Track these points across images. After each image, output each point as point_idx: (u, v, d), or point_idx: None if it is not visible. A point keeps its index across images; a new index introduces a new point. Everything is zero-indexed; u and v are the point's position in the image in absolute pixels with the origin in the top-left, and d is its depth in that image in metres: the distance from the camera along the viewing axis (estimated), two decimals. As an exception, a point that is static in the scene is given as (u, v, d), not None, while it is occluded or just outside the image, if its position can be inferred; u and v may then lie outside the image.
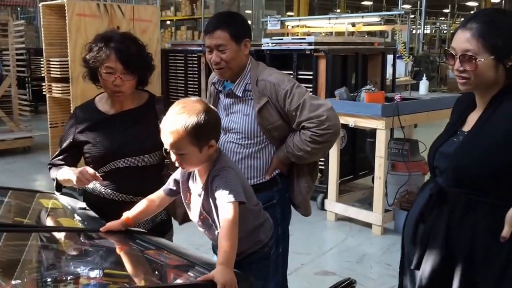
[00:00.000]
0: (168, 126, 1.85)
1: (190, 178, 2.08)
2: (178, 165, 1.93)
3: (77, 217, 2.32)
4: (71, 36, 5.85)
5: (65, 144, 2.56)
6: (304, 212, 2.79)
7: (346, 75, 5.90)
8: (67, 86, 6.00)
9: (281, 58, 5.83)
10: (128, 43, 2.44)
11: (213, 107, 2.02)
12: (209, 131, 1.87)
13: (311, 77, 5.61)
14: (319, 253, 4.64)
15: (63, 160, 2.54)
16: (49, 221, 2.25)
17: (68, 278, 1.49)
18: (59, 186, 2.53)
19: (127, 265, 1.86)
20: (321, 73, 5.57)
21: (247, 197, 1.99)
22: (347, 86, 5.44)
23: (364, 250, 4.67)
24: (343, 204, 5.39)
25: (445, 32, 24.89)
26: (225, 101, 2.67)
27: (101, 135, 2.49)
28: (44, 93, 6.55)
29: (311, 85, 5.54)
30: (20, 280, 1.43)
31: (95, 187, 2.50)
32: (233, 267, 1.71)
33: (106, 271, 1.65)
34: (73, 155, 2.57)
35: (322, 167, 5.59)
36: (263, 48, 6.04)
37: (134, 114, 2.54)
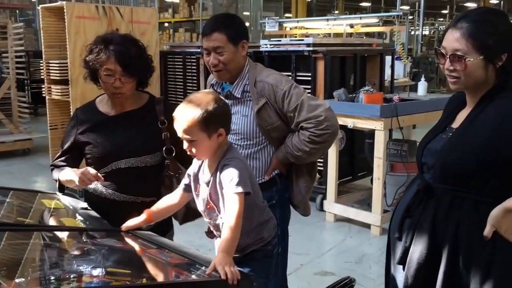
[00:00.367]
0: (180, 114, 1.96)
1: (200, 170, 2.14)
2: (189, 153, 2.01)
3: (79, 217, 2.34)
4: (70, 38, 5.87)
5: (67, 146, 2.58)
6: (304, 212, 2.80)
7: (345, 76, 5.91)
8: (67, 88, 6.02)
9: (280, 60, 5.84)
10: (128, 45, 2.45)
11: (224, 99, 2.12)
12: (218, 120, 1.97)
13: (310, 79, 5.62)
14: (318, 254, 4.66)
15: (65, 162, 2.56)
16: (51, 221, 2.27)
17: (71, 277, 1.51)
18: (62, 187, 2.55)
19: (129, 264, 1.87)
20: (320, 75, 5.58)
21: (255, 192, 2.06)
22: (346, 87, 5.46)
23: (363, 251, 4.68)
24: (342, 205, 5.40)
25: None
26: None
27: (102, 136, 2.51)
28: (44, 95, 6.56)
29: (310, 86, 5.55)
30: (24, 278, 1.44)
31: (97, 188, 2.51)
32: (236, 263, 1.78)
33: (109, 270, 1.66)
34: (75, 156, 2.59)
35: (321, 168, 5.60)
36: (262, 50, 6.06)
37: (135, 115, 2.56)
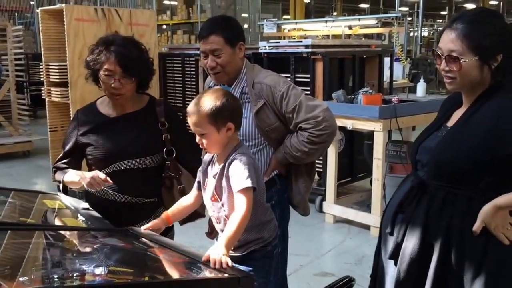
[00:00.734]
0: (192, 108, 2.06)
1: (210, 165, 2.21)
2: (201, 146, 2.09)
3: (81, 217, 2.35)
4: (70, 41, 5.88)
5: (68, 147, 2.60)
6: (303, 212, 2.82)
7: (344, 78, 5.93)
8: (66, 90, 6.02)
9: (279, 61, 5.85)
10: (129, 47, 2.47)
11: (235, 96, 2.23)
12: (226, 114, 2.04)
13: (309, 80, 5.64)
14: (318, 255, 4.67)
15: (67, 164, 2.59)
16: (54, 221, 2.28)
17: (74, 275, 1.52)
18: (65, 188, 2.57)
19: (131, 263, 1.89)
20: (318, 76, 5.60)
21: (260, 190, 2.13)
22: (345, 89, 5.46)
23: (363, 252, 4.69)
24: (342, 206, 5.41)
25: (442, 35, 24.88)
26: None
27: (103, 138, 2.53)
28: (43, 98, 6.57)
29: (309, 88, 5.57)
30: (27, 277, 1.46)
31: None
32: (236, 263, 1.85)
33: (111, 268, 1.67)
34: (76, 158, 2.61)
35: (321, 170, 5.62)
36: (261, 52, 6.07)
37: (135, 117, 2.57)
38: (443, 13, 27.58)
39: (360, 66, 6.13)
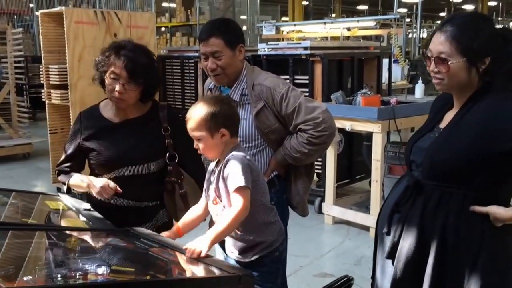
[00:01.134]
0: (188, 113, 2.15)
1: (212, 173, 2.24)
2: (198, 151, 2.16)
3: (82, 218, 2.37)
4: (69, 43, 5.88)
5: (71, 150, 2.60)
6: (302, 213, 2.83)
7: (342, 79, 5.95)
8: (66, 93, 6.03)
9: (278, 63, 5.87)
10: (139, 54, 2.46)
11: (232, 103, 2.29)
12: (220, 120, 2.11)
13: (307, 82, 5.65)
14: (318, 256, 4.69)
15: (70, 167, 2.60)
16: (56, 221, 2.30)
17: (77, 275, 1.54)
18: (69, 189, 2.58)
19: (133, 262, 1.91)
20: (317, 78, 5.61)
21: (263, 191, 2.18)
22: (343, 90, 5.48)
23: (362, 252, 4.70)
24: (341, 208, 5.42)
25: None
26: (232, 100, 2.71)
27: (107, 144, 2.52)
28: (43, 100, 6.58)
29: (308, 90, 5.58)
30: (31, 276, 1.48)
31: None
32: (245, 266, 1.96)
33: (113, 268, 1.69)
34: (79, 160, 2.62)
35: (320, 171, 5.63)
36: (260, 53, 6.09)
37: (138, 123, 2.57)
38: (442, 15, 27.58)
39: (359, 68, 6.15)
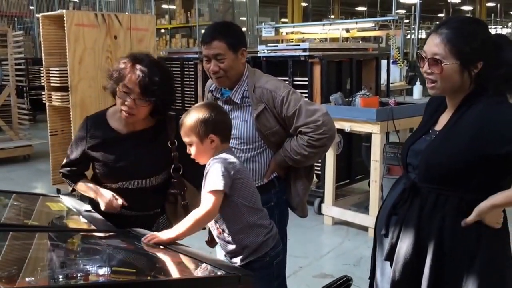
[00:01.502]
0: (181, 120, 2.22)
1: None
2: (191, 156, 2.22)
3: (83, 219, 2.38)
4: (70, 46, 5.89)
5: (75, 155, 2.57)
6: (301, 214, 2.85)
7: (341, 81, 5.95)
8: (67, 95, 6.04)
9: (277, 65, 5.88)
10: (154, 71, 2.40)
11: (224, 110, 2.37)
12: (209, 127, 2.17)
13: (306, 83, 5.66)
14: (317, 256, 4.69)
15: (75, 171, 2.60)
16: (56, 223, 2.32)
17: (78, 276, 1.55)
18: (73, 189, 2.60)
19: (134, 263, 1.92)
20: (316, 79, 5.63)
21: (247, 193, 2.20)
22: (342, 92, 5.49)
23: (361, 253, 4.71)
24: (340, 208, 5.42)
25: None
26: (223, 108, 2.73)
27: (113, 156, 2.49)
28: (43, 102, 6.60)
29: (307, 91, 5.60)
30: (33, 277, 1.49)
31: None
32: None
33: (114, 269, 1.71)
34: (83, 166, 2.61)
35: (319, 172, 5.64)
36: (260, 55, 6.10)
37: (146, 135, 2.53)
38: (440, 16, 27.57)
39: (358, 69, 6.15)
